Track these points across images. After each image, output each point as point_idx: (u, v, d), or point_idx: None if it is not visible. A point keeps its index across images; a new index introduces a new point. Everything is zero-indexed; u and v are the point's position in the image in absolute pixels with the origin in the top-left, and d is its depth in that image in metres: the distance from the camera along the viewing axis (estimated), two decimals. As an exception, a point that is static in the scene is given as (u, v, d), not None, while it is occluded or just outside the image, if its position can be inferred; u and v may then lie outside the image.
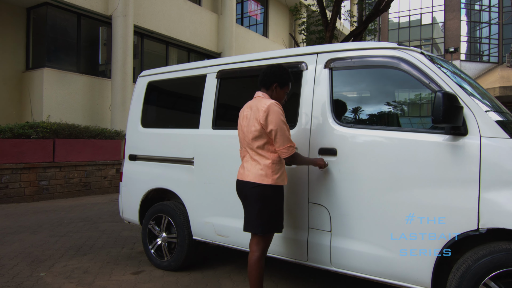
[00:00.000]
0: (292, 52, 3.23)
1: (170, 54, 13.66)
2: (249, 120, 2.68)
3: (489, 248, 2.24)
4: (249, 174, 2.68)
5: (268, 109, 2.57)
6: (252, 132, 2.66)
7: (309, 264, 2.93)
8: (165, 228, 3.86)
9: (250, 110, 2.71)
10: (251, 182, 2.65)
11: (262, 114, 2.58)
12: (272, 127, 2.56)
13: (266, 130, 2.60)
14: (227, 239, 3.39)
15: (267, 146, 2.64)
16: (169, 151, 3.86)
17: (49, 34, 10.41)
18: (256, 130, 2.63)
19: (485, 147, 2.27)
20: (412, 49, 2.67)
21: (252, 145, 2.68)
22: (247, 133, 2.70)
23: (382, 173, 2.60)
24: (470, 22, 31.32)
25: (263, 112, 2.58)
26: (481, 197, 2.25)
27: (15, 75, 10.28)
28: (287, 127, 2.64)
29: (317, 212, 2.86)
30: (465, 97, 2.40)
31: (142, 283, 3.50)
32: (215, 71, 3.63)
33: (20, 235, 5.10)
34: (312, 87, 3.00)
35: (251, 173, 2.67)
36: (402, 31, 33.54)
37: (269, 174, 2.63)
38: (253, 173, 2.66)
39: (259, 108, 2.62)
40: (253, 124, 2.65)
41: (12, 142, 7.55)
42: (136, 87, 4.36)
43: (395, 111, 2.90)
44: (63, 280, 3.54)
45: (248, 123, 2.69)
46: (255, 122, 2.63)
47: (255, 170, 2.66)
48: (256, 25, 18.34)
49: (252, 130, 2.65)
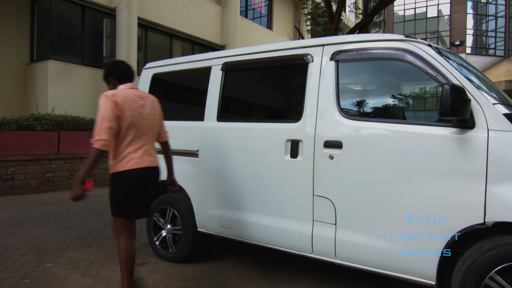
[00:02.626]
0: (297, 44, 3.21)
1: (174, 46, 13.62)
2: (150, 109, 2.81)
3: (496, 241, 2.23)
4: (156, 160, 2.87)
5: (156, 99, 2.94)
6: (156, 120, 2.85)
7: (314, 256, 2.94)
8: (170, 220, 3.87)
9: (144, 100, 2.80)
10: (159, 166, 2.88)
11: (158, 104, 2.89)
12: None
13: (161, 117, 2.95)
14: (231, 231, 3.40)
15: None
16: (174, 143, 3.83)
17: (53, 26, 10.40)
18: (158, 118, 2.89)
19: (493, 140, 2.26)
20: (419, 41, 2.65)
21: (153, 133, 2.85)
22: (152, 122, 2.81)
23: (388, 166, 2.59)
24: (476, 15, 31.01)
25: (157, 101, 2.91)
26: (488, 191, 2.24)
27: (19, 68, 10.29)
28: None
29: (322, 204, 2.86)
30: (472, 90, 2.38)
31: (147, 274, 3.52)
32: (220, 63, 3.62)
33: (26, 226, 5.14)
34: (317, 80, 2.98)
35: (156, 159, 2.87)
36: (408, 23, 33.25)
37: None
38: (157, 158, 2.88)
39: (152, 99, 2.88)
40: (156, 113, 2.86)
41: (17, 134, 7.58)
42: (141, 80, 4.35)
43: (402, 104, 2.89)
44: (69, 271, 3.57)
45: (150, 112, 2.79)
46: (156, 111, 2.87)
47: (156, 154, 2.89)
48: (260, 18, 18.23)
49: (156, 118, 2.86)
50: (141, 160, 2.71)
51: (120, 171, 2.69)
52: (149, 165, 2.76)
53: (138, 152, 2.71)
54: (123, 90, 2.74)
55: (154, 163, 2.82)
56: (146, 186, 2.76)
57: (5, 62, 9.98)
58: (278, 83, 3.64)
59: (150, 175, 2.78)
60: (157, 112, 2.89)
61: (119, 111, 2.61)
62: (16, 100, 10.22)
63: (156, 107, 2.89)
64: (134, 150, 2.70)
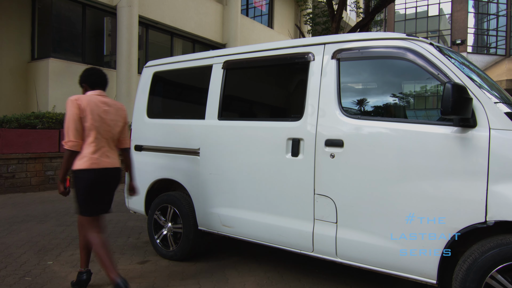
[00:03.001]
0: (299, 43, 3.21)
1: (175, 45, 13.62)
2: (114, 116, 3.07)
3: (497, 240, 2.23)
4: (116, 162, 3.08)
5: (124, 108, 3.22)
6: (119, 126, 3.11)
7: (315, 255, 2.94)
8: (171, 218, 3.88)
9: (109, 106, 3.05)
10: (119, 168, 3.09)
11: (124, 112, 3.18)
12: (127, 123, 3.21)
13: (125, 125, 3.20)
14: (232, 230, 3.41)
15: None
16: (175, 141, 3.86)
17: (54, 24, 10.40)
18: (122, 124, 3.14)
19: (494, 139, 2.25)
20: (421, 39, 2.64)
21: (115, 137, 3.09)
22: (114, 127, 3.06)
23: (389, 165, 2.59)
24: (477, 14, 30.94)
25: (124, 110, 3.20)
26: (489, 190, 2.24)
27: (20, 66, 10.29)
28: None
29: (323, 203, 2.86)
30: (474, 89, 2.37)
31: (148, 272, 3.52)
32: (221, 61, 3.62)
33: (27, 224, 5.15)
34: (319, 78, 2.98)
35: (116, 161, 3.09)
36: (409, 22, 33.18)
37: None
38: (117, 160, 3.11)
39: (119, 107, 3.16)
40: (120, 120, 3.11)
41: (18, 132, 7.59)
42: (142, 78, 4.35)
43: (403, 103, 2.88)
44: (70, 268, 3.57)
45: (113, 118, 3.06)
46: (121, 118, 3.12)
47: (117, 157, 3.12)
48: (261, 16, 18.21)
49: (119, 125, 3.11)
50: (99, 161, 2.92)
51: (78, 169, 2.89)
52: (106, 166, 2.96)
53: (96, 153, 2.92)
54: (89, 95, 3.00)
55: (112, 165, 3.02)
56: (103, 185, 2.96)
57: (6, 60, 9.99)
58: (279, 81, 3.64)
59: (107, 175, 2.97)
60: (121, 119, 3.13)
61: (81, 113, 2.86)
62: (17, 98, 10.23)
63: (122, 115, 3.15)
64: (93, 151, 2.91)
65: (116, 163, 3.06)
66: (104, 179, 2.96)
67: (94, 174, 2.88)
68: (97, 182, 2.91)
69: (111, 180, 3.03)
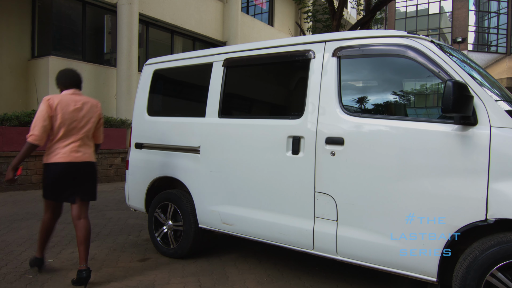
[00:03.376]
0: (299, 40, 3.20)
1: (175, 42, 13.60)
2: (86, 112, 3.24)
3: (497, 238, 2.23)
4: (88, 156, 3.27)
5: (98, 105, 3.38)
6: (92, 122, 3.27)
7: (315, 253, 2.94)
8: (171, 216, 3.88)
9: (82, 104, 3.23)
10: (93, 162, 3.31)
11: (98, 109, 3.34)
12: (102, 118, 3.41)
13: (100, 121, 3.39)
14: (233, 228, 3.41)
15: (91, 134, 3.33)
16: (175, 139, 3.86)
17: (54, 22, 10.38)
18: (95, 120, 3.30)
19: (495, 137, 2.25)
20: (422, 37, 2.64)
21: (87, 133, 3.26)
22: (86, 124, 3.23)
23: (389, 163, 2.59)
24: (478, 12, 30.87)
25: (98, 107, 3.35)
26: (490, 188, 2.24)
27: (20, 63, 10.28)
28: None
29: (324, 201, 2.86)
30: (475, 87, 2.37)
31: (148, 270, 3.53)
32: (222, 59, 3.61)
33: (27, 222, 5.15)
34: (319, 76, 2.98)
35: (89, 155, 3.27)
36: (409, 20, 33.12)
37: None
38: (91, 154, 3.29)
39: (93, 104, 3.32)
40: (92, 117, 3.27)
41: (19, 130, 7.59)
42: (142, 75, 4.35)
43: (404, 101, 2.88)
44: (71, 266, 3.58)
45: (85, 115, 3.23)
46: (94, 114, 3.28)
47: (91, 151, 3.31)
48: (261, 14, 18.18)
49: (92, 121, 3.28)
50: (66, 156, 3.12)
51: (48, 163, 3.14)
52: (75, 160, 3.16)
53: (65, 148, 3.13)
54: (62, 94, 3.21)
55: (81, 159, 3.20)
56: (70, 177, 3.16)
57: (6, 58, 9.98)
58: (279, 79, 3.64)
59: (77, 168, 3.17)
60: (94, 115, 3.30)
61: (52, 112, 3.07)
62: (17, 96, 10.22)
63: (95, 111, 3.31)
64: (62, 146, 3.13)
65: (87, 157, 3.25)
66: (73, 172, 3.16)
67: (63, 167, 3.11)
68: (64, 174, 3.13)
69: (82, 173, 3.20)
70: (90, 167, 3.27)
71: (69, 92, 3.25)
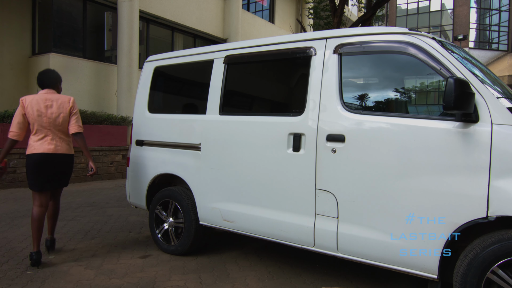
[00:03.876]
0: (300, 37, 3.19)
1: (175, 40, 13.57)
2: (57, 109, 3.54)
3: (498, 235, 2.23)
4: (62, 148, 3.58)
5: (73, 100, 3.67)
6: (61, 117, 3.55)
7: (316, 250, 2.94)
8: (172, 213, 3.88)
9: (52, 101, 3.55)
10: (67, 154, 3.62)
11: (67, 104, 3.59)
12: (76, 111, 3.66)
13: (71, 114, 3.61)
14: (233, 225, 3.41)
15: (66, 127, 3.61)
16: (176, 136, 3.86)
17: (55, 19, 10.37)
18: (64, 115, 3.56)
19: (496, 134, 2.25)
20: (423, 34, 2.63)
21: (59, 127, 3.55)
22: (56, 119, 3.53)
23: (390, 160, 2.59)
24: (479, 9, 30.75)
25: (67, 102, 3.60)
26: (491, 185, 2.24)
27: (21, 60, 10.27)
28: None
29: (324, 198, 2.86)
30: (476, 84, 2.37)
31: (149, 267, 3.54)
32: (223, 56, 3.61)
33: (28, 219, 5.15)
34: (320, 73, 2.97)
35: (63, 148, 3.58)
36: (410, 17, 33.01)
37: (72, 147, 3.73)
38: (65, 147, 3.60)
39: (62, 101, 3.59)
40: (62, 112, 3.56)
41: (19, 127, 7.58)
42: (143, 72, 4.34)
43: (405, 98, 2.87)
44: (72, 263, 3.59)
45: (55, 111, 3.53)
46: (63, 109, 3.56)
47: (66, 144, 3.61)
48: (262, 11, 18.13)
49: (62, 116, 3.55)
50: (39, 148, 3.48)
51: (26, 154, 3.52)
52: (48, 152, 3.49)
53: (38, 142, 3.50)
54: (36, 94, 3.58)
55: (54, 151, 3.52)
56: (47, 167, 3.50)
57: (7, 55, 9.97)
58: (280, 76, 3.63)
59: (50, 159, 3.50)
60: (64, 110, 3.57)
61: (23, 110, 3.49)
62: (18, 93, 10.20)
63: (64, 107, 3.58)
64: (36, 140, 3.51)
65: (61, 149, 3.56)
66: (47, 162, 3.49)
67: (37, 158, 3.46)
68: (39, 164, 3.47)
69: (56, 163, 3.54)
70: (63, 158, 3.59)
71: (43, 91, 3.61)
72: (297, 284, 3.19)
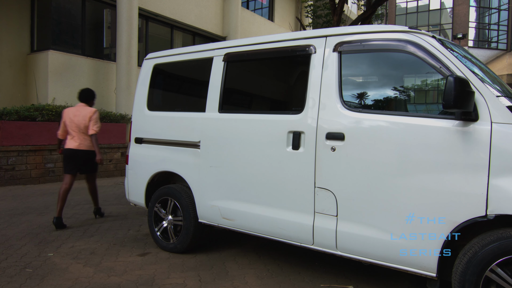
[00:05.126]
0: (300, 35, 3.19)
1: (175, 37, 13.55)
2: (81, 117, 4.77)
3: (497, 234, 2.24)
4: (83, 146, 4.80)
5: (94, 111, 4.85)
6: (83, 123, 4.76)
7: (315, 248, 2.95)
8: (171, 211, 3.88)
9: (79, 112, 4.80)
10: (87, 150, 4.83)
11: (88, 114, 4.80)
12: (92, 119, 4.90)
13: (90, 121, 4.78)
14: (233, 223, 3.41)
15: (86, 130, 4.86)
16: (175, 134, 3.85)
17: (53, 16, 10.33)
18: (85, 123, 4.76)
19: (496, 133, 2.25)
20: (423, 32, 2.63)
21: (83, 131, 4.78)
22: (78, 124, 4.76)
23: (390, 158, 2.59)
24: (479, 8, 30.75)
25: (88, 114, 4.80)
26: (490, 184, 2.24)
27: (20, 58, 10.24)
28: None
29: (324, 196, 2.86)
30: (476, 82, 2.37)
31: (148, 264, 3.54)
32: (222, 54, 3.60)
33: (27, 216, 5.15)
34: (320, 71, 2.97)
35: (84, 145, 4.80)
36: (410, 16, 32.99)
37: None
38: (86, 145, 4.82)
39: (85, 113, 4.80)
40: (84, 119, 4.76)
41: (18, 124, 7.58)
42: (142, 70, 4.33)
43: (405, 96, 2.87)
44: (71, 260, 3.58)
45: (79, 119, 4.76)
46: (86, 118, 4.77)
47: (88, 143, 4.83)
48: (261, 9, 18.11)
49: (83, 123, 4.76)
50: (68, 144, 4.81)
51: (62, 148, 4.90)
52: (72, 147, 4.77)
53: (69, 140, 4.83)
54: (73, 106, 4.93)
55: (78, 147, 4.77)
56: (70, 157, 4.80)
57: (5, 52, 9.94)
58: (280, 74, 3.63)
59: (73, 153, 4.78)
60: (85, 118, 4.76)
61: (63, 119, 4.86)
62: (16, 90, 10.19)
63: (85, 115, 4.77)
64: (68, 139, 4.84)
65: (82, 146, 4.79)
66: (71, 155, 4.78)
67: (66, 151, 4.81)
68: (67, 155, 4.81)
69: (79, 156, 4.79)
70: (84, 153, 4.81)
71: (78, 104, 4.94)
72: (296, 282, 3.20)
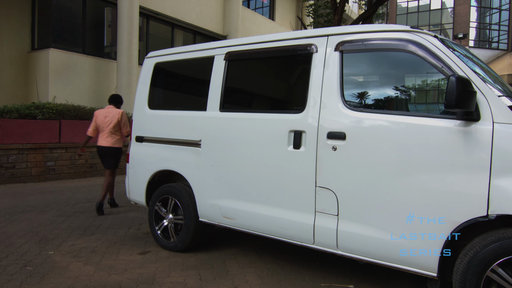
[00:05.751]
0: (301, 34, 3.18)
1: (175, 36, 13.54)
2: (110, 118, 5.39)
3: (498, 234, 2.23)
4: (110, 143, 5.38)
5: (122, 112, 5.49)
6: (113, 123, 5.38)
7: (316, 247, 2.94)
8: (172, 209, 3.88)
9: (109, 113, 5.44)
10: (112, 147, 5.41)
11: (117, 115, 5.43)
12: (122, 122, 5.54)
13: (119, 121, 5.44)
14: (233, 221, 3.41)
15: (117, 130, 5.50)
16: (176, 133, 3.85)
17: (54, 14, 10.33)
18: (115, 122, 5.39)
19: (498, 133, 2.25)
20: (425, 32, 2.62)
21: (111, 130, 5.40)
22: (109, 124, 5.37)
23: (391, 158, 2.59)
24: (480, 8, 30.73)
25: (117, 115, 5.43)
26: (491, 184, 2.24)
27: (20, 56, 10.24)
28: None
29: (325, 196, 2.86)
30: (478, 82, 2.36)
31: (148, 263, 3.54)
32: (223, 52, 3.59)
33: (27, 214, 5.16)
34: (321, 70, 2.96)
35: (111, 143, 5.39)
36: (411, 15, 32.98)
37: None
38: (113, 142, 5.39)
39: (114, 114, 5.44)
40: (113, 120, 5.38)
41: (19, 122, 7.58)
42: (143, 69, 4.33)
43: (406, 96, 2.87)
44: (71, 259, 3.59)
45: (109, 119, 5.39)
46: (115, 119, 5.39)
47: (115, 141, 5.42)
48: (262, 8, 18.09)
49: (113, 122, 5.38)
50: (100, 142, 5.43)
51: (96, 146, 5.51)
52: (103, 144, 5.39)
53: (99, 138, 5.46)
54: (104, 109, 5.57)
55: (107, 144, 5.37)
56: (103, 154, 5.45)
57: (6, 50, 9.94)
58: (281, 73, 3.62)
59: (104, 149, 5.40)
60: (114, 119, 5.39)
61: (94, 119, 5.49)
62: (17, 88, 10.19)
63: (115, 116, 5.41)
64: (100, 137, 5.46)
65: (109, 143, 5.38)
66: (102, 151, 5.43)
67: (98, 148, 5.46)
68: (99, 152, 5.49)
69: (106, 152, 5.41)
70: (110, 149, 5.40)
71: (107, 106, 5.59)
72: (296, 281, 3.20)
